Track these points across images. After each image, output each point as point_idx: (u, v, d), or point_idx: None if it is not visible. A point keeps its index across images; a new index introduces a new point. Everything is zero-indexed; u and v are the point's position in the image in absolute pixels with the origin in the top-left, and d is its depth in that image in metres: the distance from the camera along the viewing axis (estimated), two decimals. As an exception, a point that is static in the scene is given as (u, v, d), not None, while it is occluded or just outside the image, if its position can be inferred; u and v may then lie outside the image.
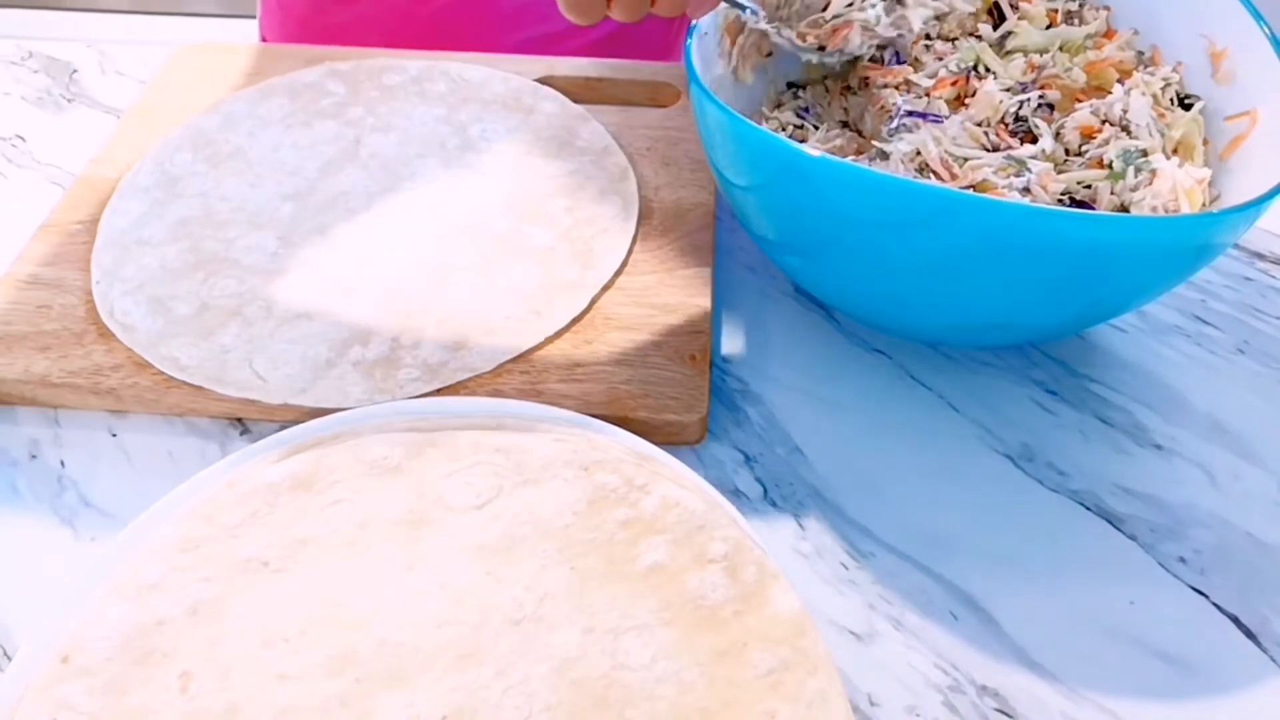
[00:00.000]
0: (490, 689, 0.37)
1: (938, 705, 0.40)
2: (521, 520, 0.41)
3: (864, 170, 0.43)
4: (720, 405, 0.50)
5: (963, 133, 0.51)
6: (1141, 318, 0.55)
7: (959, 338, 0.53)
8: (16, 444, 0.48)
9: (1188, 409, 0.51)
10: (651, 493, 0.42)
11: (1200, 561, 0.44)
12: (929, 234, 0.42)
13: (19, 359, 0.49)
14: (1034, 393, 0.51)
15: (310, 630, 0.38)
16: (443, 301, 0.52)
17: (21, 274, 0.53)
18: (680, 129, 0.63)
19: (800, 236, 0.48)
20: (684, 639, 0.38)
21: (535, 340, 0.50)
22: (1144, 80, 0.53)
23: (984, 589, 0.43)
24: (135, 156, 0.60)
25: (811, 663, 0.37)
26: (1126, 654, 0.41)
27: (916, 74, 0.55)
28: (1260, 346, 0.54)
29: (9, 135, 0.65)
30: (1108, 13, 0.57)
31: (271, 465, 0.42)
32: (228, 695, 0.36)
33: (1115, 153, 0.49)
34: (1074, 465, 0.48)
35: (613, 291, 0.53)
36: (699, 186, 0.59)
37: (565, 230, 0.56)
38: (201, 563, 0.40)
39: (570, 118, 0.63)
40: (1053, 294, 0.44)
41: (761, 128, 0.44)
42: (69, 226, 0.56)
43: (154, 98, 0.65)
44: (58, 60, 0.71)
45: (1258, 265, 0.58)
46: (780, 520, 0.46)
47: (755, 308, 0.55)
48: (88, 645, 0.37)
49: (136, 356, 0.49)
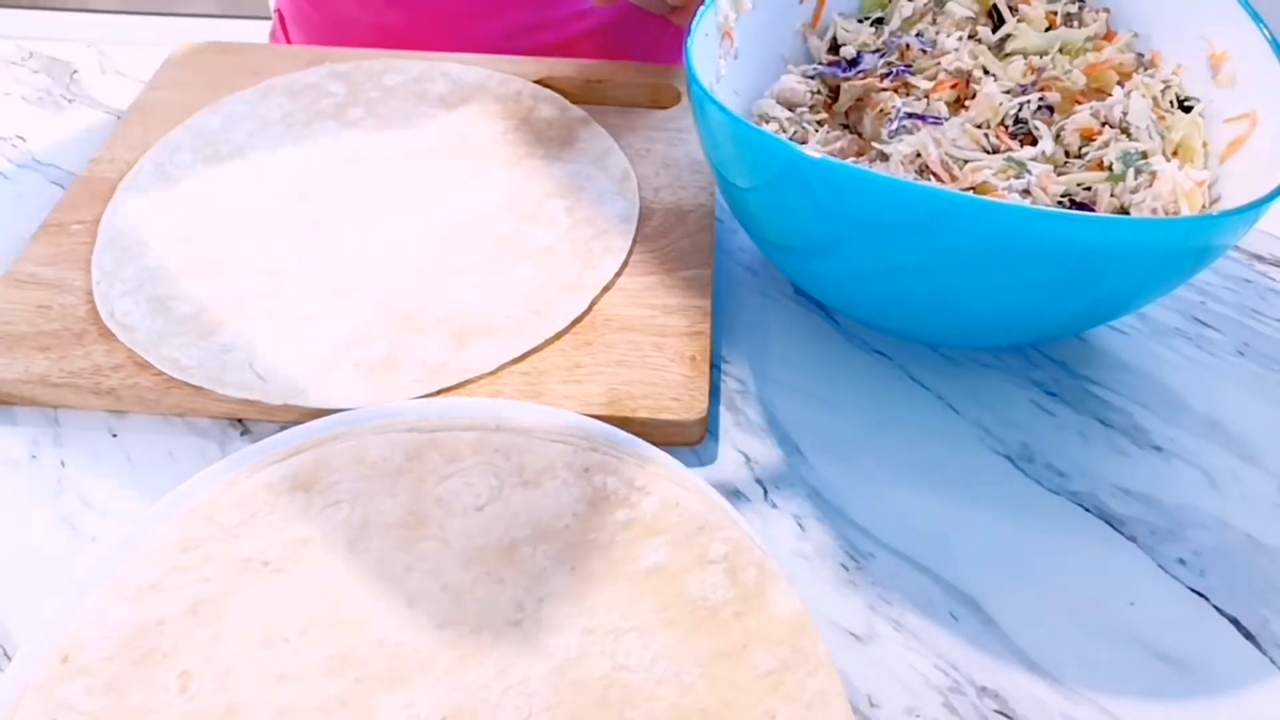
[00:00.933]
0: (490, 689, 0.37)
1: (938, 706, 0.40)
2: (521, 521, 0.41)
3: (864, 172, 0.43)
4: (720, 406, 0.50)
5: (962, 134, 0.51)
6: (1141, 319, 0.55)
7: (959, 339, 0.53)
8: (17, 444, 0.48)
9: (1187, 410, 0.51)
10: (651, 494, 0.42)
11: (1200, 563, 0.45)
12: (929, 236, 0.42)
13: (19, 359, 0.49)
14: (1034, 394, 0.51)
15: (310, 630, 0.38)
16: (443, 302, 0.52)
17: (22, 274, 0.53)
18: (680, 130, 0.63)
19: (800, 238, 0.48)
20: (684, 640, 0.38)
21: (535, 341, 0.50)
22: (1144, 82, 0.53)
23: (984, 590, 0.43)
24: (135, 156, 0.60)
25: (811, 664, 0.37)
26: (1126, 655, 0.41)
27: (915, 76, 0.55)
28: (1260, 348, 0.54)
29: (9, 135, 0.65)
30: (1107, 15, 0.57)
31: (272, 466, 0.42)
32: (227, 695, 0.36)
33: (1115, 155, 0.49)
34: (1074, 466, 0.48)
35: (613, 292, 0.53)
36: (699, 188, 0.59)
37: (565, 231, 0.56)
38: (201, 563, 0.40)
39: (570, 119, 0.63)
40: (1053, 296, 0.44)
41: (762, 129, 0.44)
42: (69, 227, 0.56)
43: (154, 98, 0.65)
44: (58, 60, 0.71)
45: (1257, 267, 0.59)
46: (780, 521, 0.46)
47: (755, 309, 0.55)
48: (88, 645, 0.37)
49: (137, 356, 0.49)
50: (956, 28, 0.57)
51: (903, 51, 0.56)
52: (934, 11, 0.58)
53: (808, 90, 0.56)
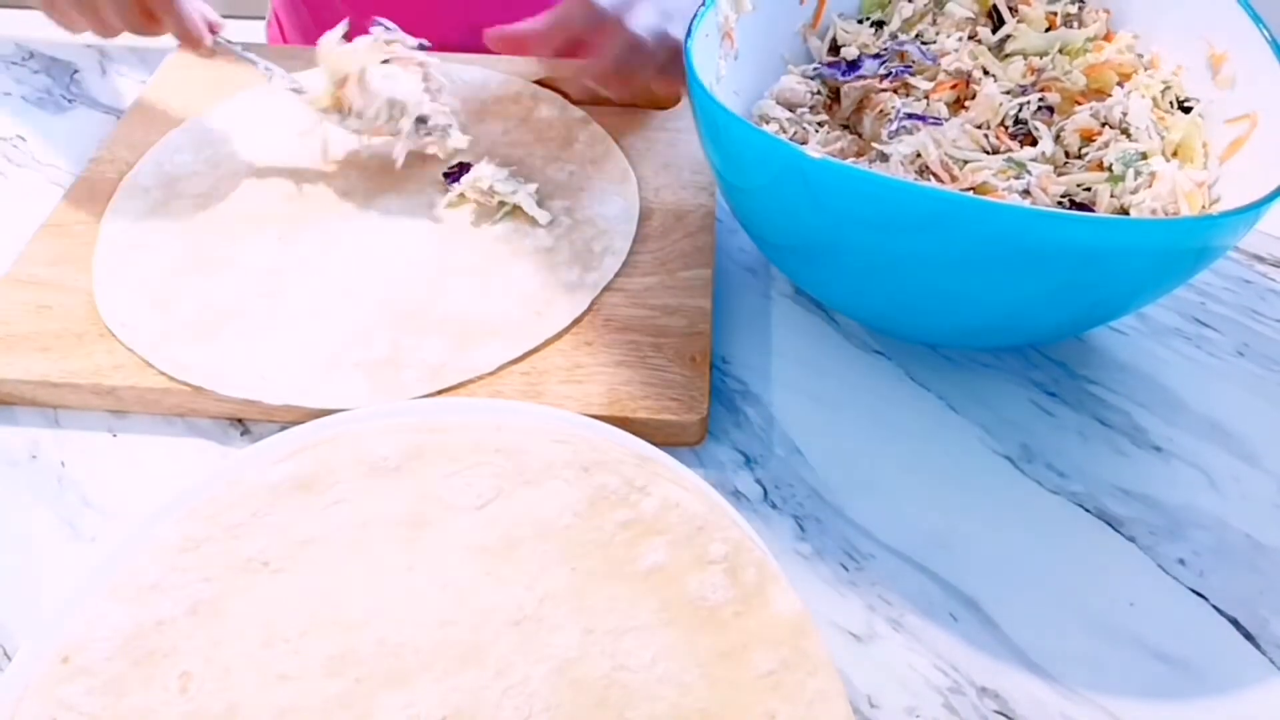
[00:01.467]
0: (490, 689, 0.37)
1: (937, 706, 0.40)
2: (522, 521, 0.41)
3: (865, 172, 0.43)
4: (720, 406, 0.50)
5: (962, 135, 0.51)
6: (1141, 320, 0.55)
7: (959, 339, 0.53)
8: (17, 444, 0.48)
9: (1187, 411, 0.51)
10: (652, 494, 0.42)
11: (1199, 563, 0.45)
12: (929, 236, 0.42)
13: (20, 359, 0.49)
14: (1033, 394, 0.51)
15: (310, 630, 0.38)
16: (444, 303, 0.52)
17: (23, 274, 0.53)
18: (680, 130, 0.63)
19: (800, 238, 0.48)
20: (684, 640, 0.38)
21: (536, 341, 0.50)
22: (1144, 83, 0.53)
23: (984, 590, 0.43)
24: (135, 157, 0.60)
25: (811, 664, 0.37)
26: (1126, 655, 0.41)
27: (915, 77, 0.55)
28: (1259, 349, 0.54)
29: (10, 135, 0.65)
30: (1107, 16, 0.57)
31: (272, 465, 0.42)
32: (228, 695, 0.36)
33: (1115, 155, 0.49)
34: (1073, 467, 0.48)
35: (613, 293, 0.53)
36: (699, 188, 0.59)
37: (566, 231, 0.56)
38: (202, 563, 0.40)
39: (570, 119, 0.63)
40: (1052, 296, 0.44)
41: (763, 129, 0.44)
42: (70, 227, 0.56)
43: (154, 98, 0.65)
44: (59, 61, 0.71)
45: (1257, 268, 0.59)
46: (780, 521, 0.46)
47: (755, 309, 0.55)
48: (88, 645, 0.37)
49: (137, 357, 0.49)
50: (956, 28, 0.57)
51: (901, 55, 0.56)
52: (934, 12, 0.58)
53: (808, 90, 0.56)
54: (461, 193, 0.57)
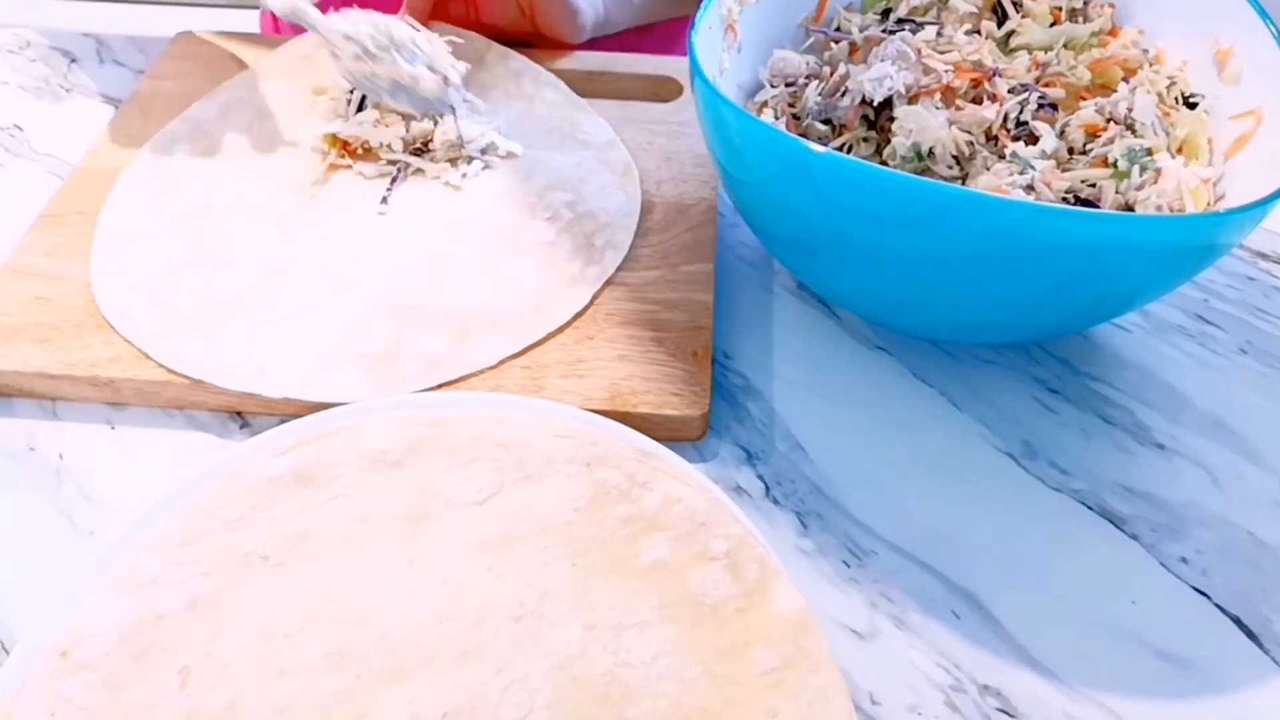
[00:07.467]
0: (491, 686, 0.37)
1: (939, 704, 0.40)
2: (522, 516, 0.41)
3: (868, 166, 0.42)
4: (722, 402, 0.50)
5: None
6: (1144, 317, 0.55)
7: (961, 335, 0.52)
8: (14, 436, 0.47)
9: (1190, 408, 0.51)
10: (653, 489, 0.42)
11: (1202, 562, 0.44)
12: (932, 231, 0.42)
13: (17, 350, 0.48)
14: (1036, 391, 0.51)
15: (310, 626, 0.38)
16: (444, 296, 0.52)
17: (20, 265, 0.53)
18: (682, 124, 0.63)
19: (803, 232, 0.48)
20: (685, 636, 0.38)
21: (537, 336, 0.50)
22: (1149, 78, 0.52)
23: (986, 588, 0.43)
24: (134, 147, 0.59)
25: (813, 661, 0.37)
26: (1128, 654, 0.41)
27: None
28: (1263, 346, 0.54)
29: (7, 125, 0.64)
30: (1112, 10, 0.56)
31: (272, 459, 0.42)
32: (227, 691, 0.36)
33: (1120, 151, 0.49)
34: (1075, 464, 0.48)
35: (614, 287, 0.53)
36: (701, 182, 0.59)
37: (567, 225, 0.56)
38: (201, 557, 0.39)
39: (572, 108, 0.63)
40: (1056, 292, 0.44)
41: (766, 122, 0.44)
42: (67, 217, 0.55)
43: (152, 87, 0.64)
44: (56, 49, 0.71)
45: (1261, 265, 0.58)
46: (782, 518, 0.46)
47: (757, 304, 0.55)
48: (86, 640, 0.37)
49: (135, 349, 0.49)
50: (961, 23, 0.57)
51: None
52: (938, 6, 0.58)
53: (804, 61, 0.55)
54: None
